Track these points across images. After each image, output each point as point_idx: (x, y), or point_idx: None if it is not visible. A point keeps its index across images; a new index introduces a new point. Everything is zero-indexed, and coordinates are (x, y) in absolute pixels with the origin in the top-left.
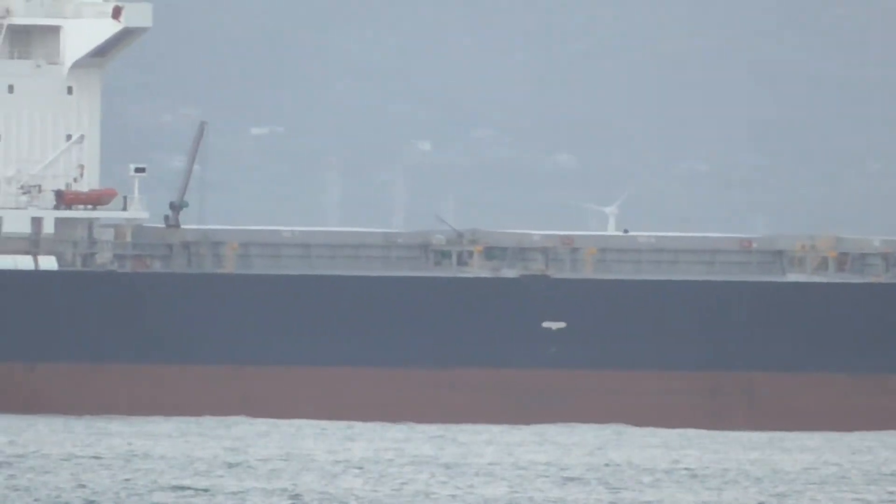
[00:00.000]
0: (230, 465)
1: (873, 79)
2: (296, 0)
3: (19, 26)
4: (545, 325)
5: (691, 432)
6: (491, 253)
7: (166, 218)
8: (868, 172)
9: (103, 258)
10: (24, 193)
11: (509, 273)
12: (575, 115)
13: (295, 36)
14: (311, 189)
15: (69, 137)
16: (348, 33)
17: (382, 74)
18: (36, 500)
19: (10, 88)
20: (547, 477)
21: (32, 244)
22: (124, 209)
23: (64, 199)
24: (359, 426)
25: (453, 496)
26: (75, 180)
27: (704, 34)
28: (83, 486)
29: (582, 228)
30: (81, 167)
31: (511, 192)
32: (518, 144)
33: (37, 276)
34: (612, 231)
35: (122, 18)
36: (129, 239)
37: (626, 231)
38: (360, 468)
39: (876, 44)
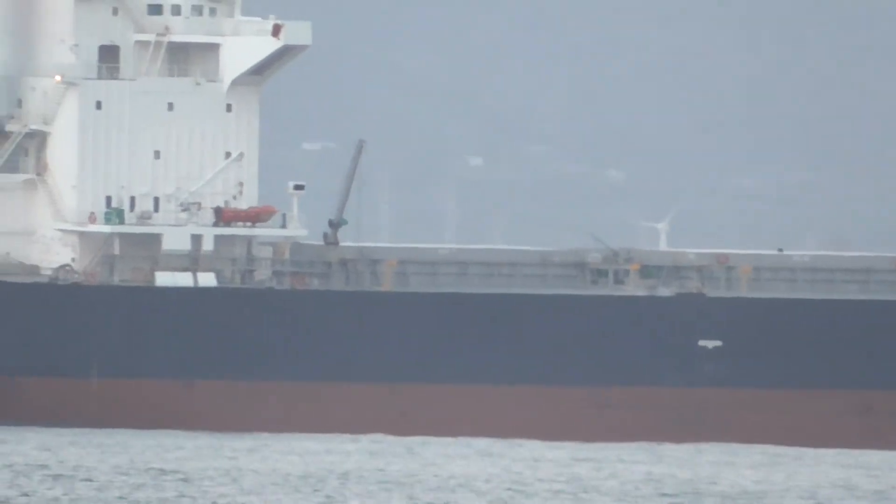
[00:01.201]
0: (459, 486)
1: None
2: (354, 16)
3: (178, 44)
4: (701, 343)
5: (854, 452)
6: (647, 271)
7: (325, 235)
8: None
9: (262, 275)
10: (184, 211)
11: (665, 291)
12: (625, 131)
13: (355, 50)
14: (365, 204)
15: (228, 155)
16: (404, 48)
17: (437, 91)
18: None
19: (170, 106)
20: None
21: (192, 261)
22: (283, 226)
23: (223, 216)
24: (527, 444)
25: None
26: (234, 197)
27: (754, 51)
28: None
29: (633, 244)
30: (240, 184)
31: (562, 208)
32: (569, 160)
33: (196, 292)
34: (664, 246)
35: (281, 36)
36: (287, 256)
37: (780, 250)
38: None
39: None
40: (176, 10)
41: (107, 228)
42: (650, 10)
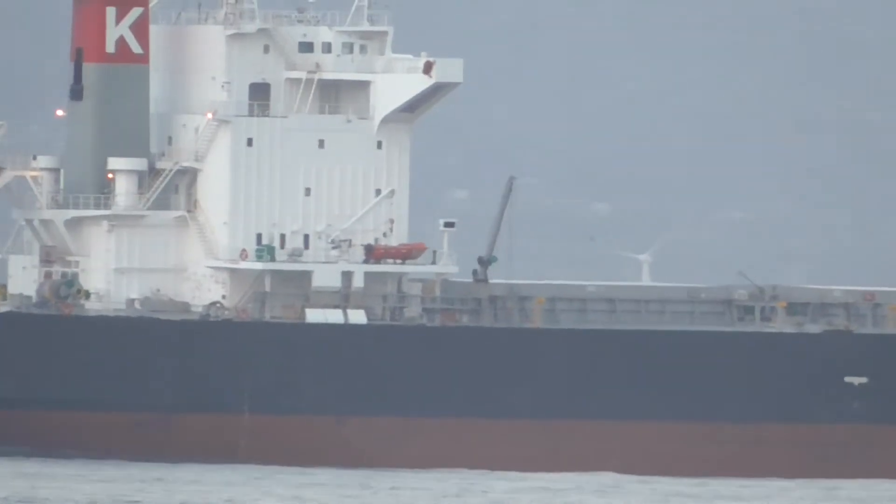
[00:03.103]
0: None
1: None
2: None
3: (329, 81)
4: (847, 379)
5: None
6: (794, 308)
7: (474, 272)
8: None
9: (412, 312)
10: (335, 248)
11: (812, 328)
12: (610, 164)
13: None
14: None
15: (378, 192)
16: None
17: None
18: None
19: (321, 143)
20: None
21: (342, 298)
22: (433, 263)
23: (374, 253)
24: (664, 481)
25: None
26: (385, 235)
27: (738, 82)
28: None
29: (617, 277)
30: (391, 221)
31: (549, 241)
32: (556, 193)
33: (346, 329)
34: (646, 279)
35: (433, 73)
36: (437, 293)
37: None
38: None
39: None
40: (327, 47)
41: (258, 265)
42: (635, 42)
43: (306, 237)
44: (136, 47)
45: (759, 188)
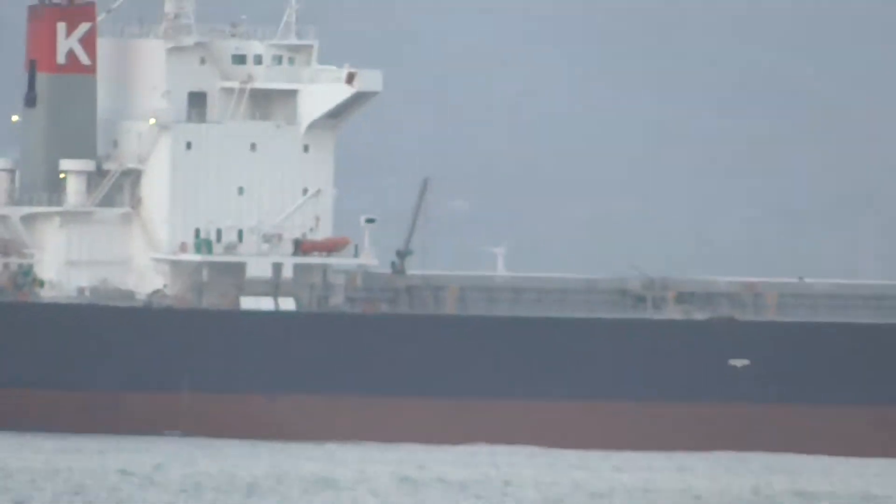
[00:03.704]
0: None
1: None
2: None
3: (260, 90)
4: (731, 362)
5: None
6: (682, 298)
7: (393, 264)
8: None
9: (336, 300)
10: (266, 242)
11: (699, 316)
12: (470, 163)
13: None
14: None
15: (306, 191)
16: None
17: None
18: None
19: (253, 147)
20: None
21: (273, 287)
22: (356, 256)
23: (302, 247)
24: (570, 454)
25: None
26: (311, 230)
27: (599, 83)
28: None
29: (474, 268)
30: (317, 218)
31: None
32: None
33: (277, 315)
34: (501, 269)
35: (355, 83)
36: (359, 283)
37: (801, 278)
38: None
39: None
40: (258, 59)
41: (196, 258)
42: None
43: (240, 232)
44: (84, 59)
45: (606, 187)
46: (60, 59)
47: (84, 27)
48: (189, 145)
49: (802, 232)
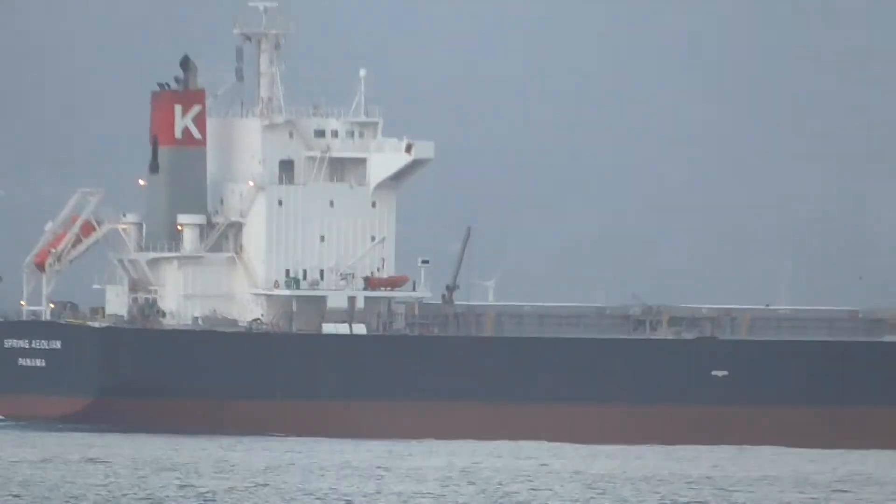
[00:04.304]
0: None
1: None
2: None
3: (336, 158)
4: (713, 373)
5: (825, 451)
6: (674, 321)
7: (443, 297)
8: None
9: (399, 326)
10: (342, 279)
11: (687, 336)
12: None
13: None
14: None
15: (373, 238)
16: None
17: None
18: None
19: (331, 203)
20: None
21: (349, 316)
22: (414, 290)
23: (370, 283)
24: (583, 447)
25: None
26: (378, 270)
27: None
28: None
29: (474, 299)
30: (383, 260)
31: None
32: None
33: (352, 338)
34: (492, 300)
35: (412, 152)
36: (417, 312)
37: (767, 305)
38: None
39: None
40: (335, 133)
41: (287, 292)
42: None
43: (321, 272)
44: (196, 134)
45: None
46: (178, 134)
47: (196, 108)
48: (280, 202)
49: (728, 261)
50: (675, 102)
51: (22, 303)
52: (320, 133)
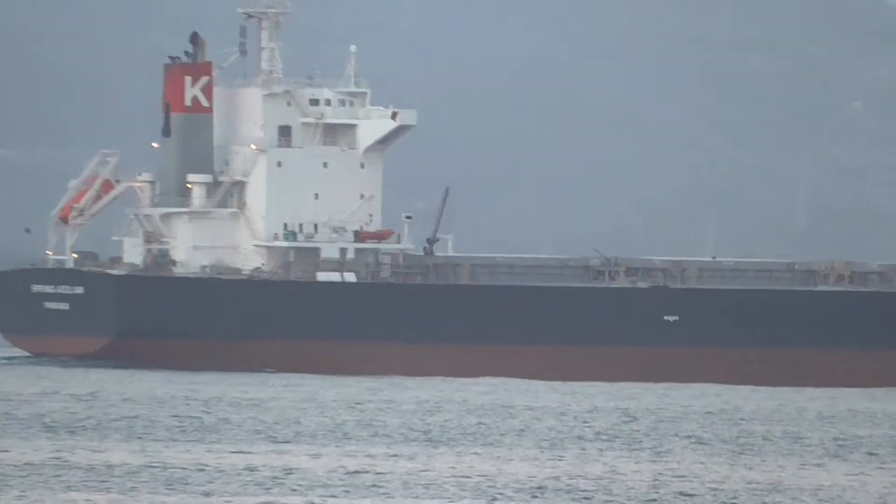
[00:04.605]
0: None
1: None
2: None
3: (329, 124)
4: (665, 318)
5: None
6: (630, 272)
7: (424, 248)
8: None
9: (385, 274)
10: (335, 232)
11: (642, 285)
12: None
13: None
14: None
15: (362, 196)
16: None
17: None
18: None
19: (325, 165)
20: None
21: (340, 265)
22: (398, 243)
23: (360, 236)
24: (549, 384)
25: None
26: (366, 224)
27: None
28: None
29: (446, 251)
30: (370, 216)
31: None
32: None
33: (343, 285)
34: (451, 251)
35: (397, 119)
36: (401, 262)
37: (713, 257)
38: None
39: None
40: (328, 102)
41: (285, 244)
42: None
43: (316, 226)
44: (204, 102)
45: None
46: (187, 102)
47: (204, 79)
48: (279, 164)
49: (661, 221)
50: (622, 85)
51: (48, 252)
52: (315, 102)
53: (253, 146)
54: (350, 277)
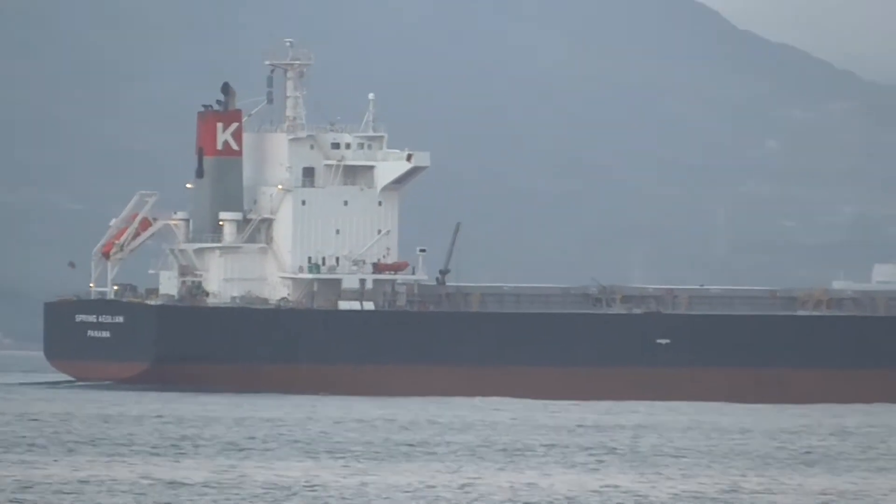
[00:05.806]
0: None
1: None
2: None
3: (349, 166)
4: (658, 341)
5: (749, 405)
6: (626, 299)
7: (437, 279)
8: None
9: (401, 303)
10: (355, 265)
11: (637, 311)
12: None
13: None
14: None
15: (380, 231)
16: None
17: None
18: None
19: (346, 203)
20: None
21: (360, 295)
22: (413, 274)
23: (378, 268)
24: (555, 403)
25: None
26: (384, 257)
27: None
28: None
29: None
30: (387, 249)
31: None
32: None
33: (362, 313)
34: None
35: (412, 160)
36: (416, 292)
37: (702, 285)
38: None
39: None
40: (348, 145)
41: (309, 276)
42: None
43: (338, 259)
44: (234, 146)
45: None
46: (219, 146)
47: (234, 125)
48: (304, 202)
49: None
50: (560, 126)
51: (91, 285)
52: (336, 145)
53: (279, 186)
54: (369, 306)
